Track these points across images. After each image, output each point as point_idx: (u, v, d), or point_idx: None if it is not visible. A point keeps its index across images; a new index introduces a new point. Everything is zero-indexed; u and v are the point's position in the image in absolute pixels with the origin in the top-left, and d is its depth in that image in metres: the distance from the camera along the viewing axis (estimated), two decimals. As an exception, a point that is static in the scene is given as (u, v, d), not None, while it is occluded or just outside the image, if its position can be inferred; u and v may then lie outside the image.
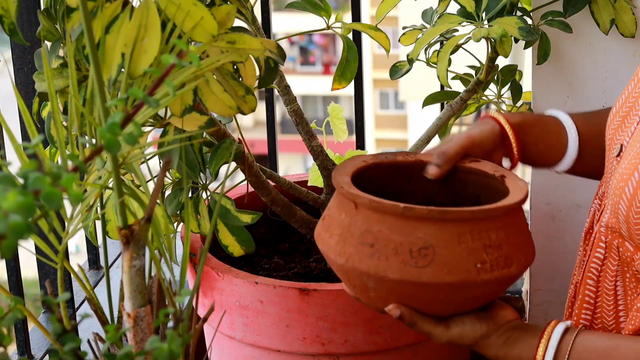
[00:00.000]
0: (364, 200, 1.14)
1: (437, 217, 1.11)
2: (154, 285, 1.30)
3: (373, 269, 1.13)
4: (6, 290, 1.35)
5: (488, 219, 1.13)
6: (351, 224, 1.15)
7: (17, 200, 0.65)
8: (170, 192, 1.48)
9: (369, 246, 1.13)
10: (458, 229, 1.11)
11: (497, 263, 1.13)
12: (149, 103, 0.77)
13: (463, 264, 1.11)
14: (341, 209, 1.18)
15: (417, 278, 1.11)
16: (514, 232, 1.16)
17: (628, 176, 1.13)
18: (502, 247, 1.13)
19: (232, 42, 1.29)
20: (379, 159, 1.30)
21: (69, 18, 1.22)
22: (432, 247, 1.11)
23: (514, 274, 1.15)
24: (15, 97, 1.34)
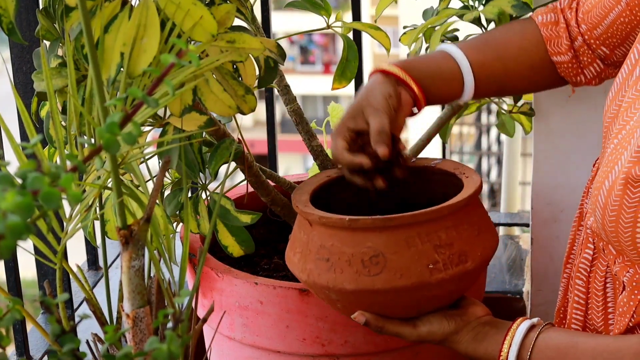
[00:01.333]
0: (315, 217, 1.19)
1: (382, 225, 1.14)
2: (153, 285, 1.30)
3: (331, 282, 1.17)
4: (5, 290, 1.35)
5: (434, 220, 1.16)
6: (308, 240, 1.20)
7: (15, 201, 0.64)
8: (170, 192, 1.48)
9: (325, 261, 1.18)
10: (405, 234, 1.14)
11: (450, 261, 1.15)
12: (148, 103, 0.77)
13: (414, 266, 1.14)
14: (300, 227, 1.23)
15: (372, 286, 1.15)
16: (466, 228, 1.17)
17: (600, 184, 1.13)
18: (454, 245, 1.16)
19: (232, 41, 1.29)
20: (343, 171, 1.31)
21: (68, 17, 1.21)
22: (382, 254, 1.14)
23: (470, 269, 1.17)
24: (13, 97, 1.34)
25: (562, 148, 1.76)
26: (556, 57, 1.35)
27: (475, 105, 1.70)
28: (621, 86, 1.21)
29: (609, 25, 1.29)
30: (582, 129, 1.71)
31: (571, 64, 1.34)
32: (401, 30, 1.59)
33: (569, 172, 1.76)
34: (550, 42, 1.35)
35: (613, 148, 1.14)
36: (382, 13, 1.57)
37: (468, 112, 1.72)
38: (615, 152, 1.13)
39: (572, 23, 1.33)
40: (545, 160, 1.77)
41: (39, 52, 1.31)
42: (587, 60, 1.34)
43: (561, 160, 1.77)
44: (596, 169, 1.31)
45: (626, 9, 1.26)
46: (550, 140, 1.76)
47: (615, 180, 1.10)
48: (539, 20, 1.36)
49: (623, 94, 1.20)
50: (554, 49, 1.35)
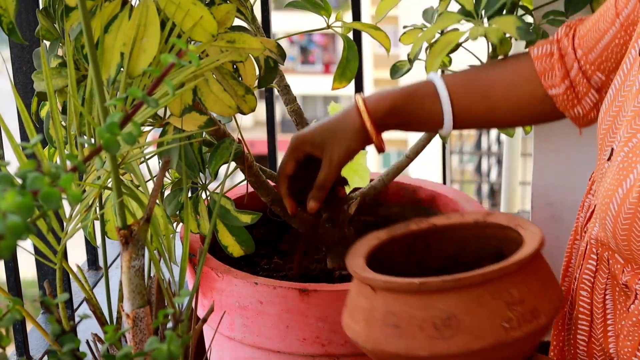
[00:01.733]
0: (379, 282, 1.14)
1: (453, 286, 1.10)
2: (153, 285, 1.30)
3: (403, 349, 1.12)
4: (5, 290, 1.35)
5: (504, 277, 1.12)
6: (372, 307, 1.15)
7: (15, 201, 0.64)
8: (170, 192, 1.48)
9: (394, 327, 1.12)
10: (477, 293, 1.11)
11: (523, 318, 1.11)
12: (148, 103, 0.77)
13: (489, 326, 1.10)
14: (360, 293, 1.18)
15: (447, 350, 1.10)
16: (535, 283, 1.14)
17: (612, 192, 1.12)
18: (526, 301, 1.12)
19: (232, 41, 1.29)
20: (393, 232, 1.30)
21: (68, 17, 1.21)
22: (455, 316, 1.10)
23: (544, 325, 1.13)
24: (13, 97, 1.34)
25: (562, 148, 1.75)
26: (551, 90, 1.34)
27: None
28: (614, 97, 1.20)
29: (603, 48, 1.28)
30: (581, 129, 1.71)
31: (566, 95, 1.33)
32: (401, 30, 1.59)
33: (569, 172, 1.76)
34: (544, 75, 1.34)
35: (624, 156, 1.13)
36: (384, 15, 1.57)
37: (468, 112, 1.72)
38: (627, 161, 1.12)
39: (568, 51, 1.32)
40: (545, 160, 1.77)
41: (39, 52, 1.31)
42: (583, 91, 1.32)
43: (561, 160, 1.77)
44: (592, 182, 1.30)
45: (620, 29, 1.25)
46: (550, 140, 1.76)
47: (631, 189, 1.09)
48: (534, 54, 1.35)
49: (617, 105, 1.19)
50: (547, 82, 1.34)
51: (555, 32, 1.37)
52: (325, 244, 1.58)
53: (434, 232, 1.30)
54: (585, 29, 1.31)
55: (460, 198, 1.69)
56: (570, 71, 1.32)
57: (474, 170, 10.91)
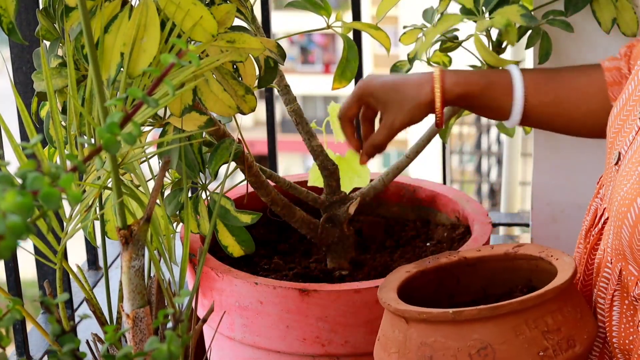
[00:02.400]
0: (413, 314, 1.14)
1: (488, 315, 1.10)
2: (153, 285, 1.30)
3: None
4: (5, 290, 1.35)
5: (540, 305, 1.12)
6: (406, 339, 1.15)
7: (15, 201, 0.64)
8: (170, 192, 1.48)
9: (428, 358, 1.12)
10: (512, 322, 1.10)
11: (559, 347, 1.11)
12: (148, 103, 0.77)
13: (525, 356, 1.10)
14: (394, 326, 1.18)
15: None
16: (570, 311, 1.14)
17: (630, 202, 1.11)
18: (561, 330, 1.12)
19: (232, 41, 1.28)
20: (423, 266, 1.30)
21: (68, 17, 1.21)
22: (490, 345, 1.10)
23: (579, 354, 1.13)
24: (13, 97, 1.34)
25: (562, 148, 1.75)
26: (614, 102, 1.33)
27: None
28: (626, 102, 1.20)
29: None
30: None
31: None
32: (401, 30, 1.59)
33: (569, 172, 1.76)
34: (612, 87, 1.33)
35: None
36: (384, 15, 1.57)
37: (468, 112, 1.72)
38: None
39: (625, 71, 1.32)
40: (545, 160, 1.77)
41: (39, 52, 1.31)
42: None
43: (561, 160, 1.77)
44: (599, 186, 1.30)
45: None
46: (550, 140, 1.76)
47: None
48: (604, 65, 1.35)
49: (628, 109, 1.19)
50: (614, 95, 1.33)
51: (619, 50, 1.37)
52: (325, 244, 1.58)
53: (463, 265, 1.30)
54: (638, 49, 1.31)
55: (460, 198, 1.69)
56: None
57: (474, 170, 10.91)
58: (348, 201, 1.57)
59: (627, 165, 1.16)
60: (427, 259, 1.32)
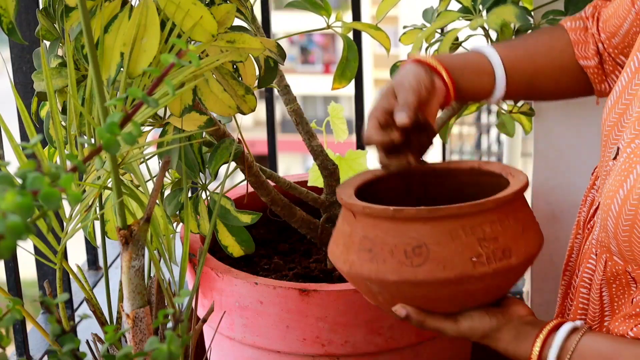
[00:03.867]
0: (359, 207, 1.17)
1: (426, 216, 1.13)
2: (153, 285, 1.30)
3: (373, 273, 1.15)
4: (5, 290, 1.35)
5: (479, 213, 1.15)
6: (352, 232, 1.18)
7: (15, 201, 0.64)
8: (170, 192, 1.48)
9: (368, 251, 1.16)
10: (449, 226, 1.13)
11: (493, 255, 1.14)
12: (148, 103, 0.77)
13: (458, 259, 1.13)
14: (344, 219, 1.21)
15: (414, 277, 1.13)
16: (511, 224, 1.16)
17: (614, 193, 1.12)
18: (498, 239, 1.14)
19: (232, 41, 1.29)
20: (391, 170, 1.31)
21: (68, 17, 1.21)
22: (426, 245, 1.13)
23: (514, 265, 1.15)
24: (13, 97, 1.34)
25: (562, 148, 1.76)
26: (583, 61, 1.34)
27: (475, 105, 1.70)
28: (620, 94, 1.21)
29: (624, 35, 1.29)
30: (582, 129, 1.71)
31: (597, 69, 1.34)
32: (401, 30, 1.59)
33: (569, 172, 1.76)
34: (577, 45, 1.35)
35: (626, 158, 1.13)
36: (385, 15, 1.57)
37: (468, 112, 1.72)
38: (628, 162, 1.12)
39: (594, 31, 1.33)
40: (545, 160, 1.77)
41: (39, 52, 1.31)
42: (609, 68, 1.34)
43: (561, 160, 1.77)
44: (595, 176, 1.31)
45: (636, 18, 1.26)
46: (550, 140, 1.76)
47: (631, 190, 1.09)
48: (567, 26, 1.36)
49: (624, 102, 1.20)
50: (581, 53, 1.34)
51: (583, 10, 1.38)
52: (325, 244, 1.58)
53: (432, 175, 1.31)
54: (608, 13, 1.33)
55: (460, 198, 1.69)
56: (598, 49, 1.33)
57: (474, 170, 10.89)
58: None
59: (619, 160, 1.16)
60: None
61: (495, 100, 1.35)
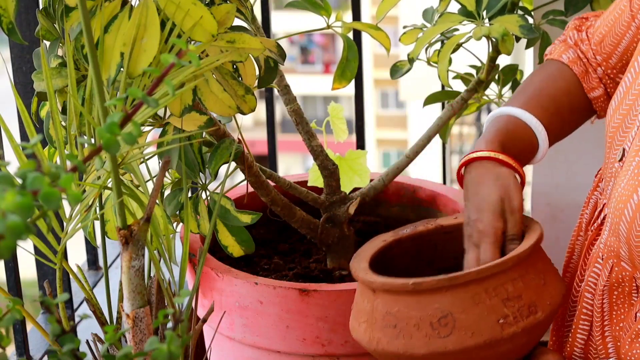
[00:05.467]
0: (378, 284, 1.16)
1: (446, 285, 1.12)
2: (153, 285, 1.30)
3: (402, 348, 1.14)
4: (5, 290, 1.35)
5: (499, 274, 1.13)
6: (373, 309, 1.17)
7: (15, 201, 0.64)
8: (170, 192, 1.48)
9: (393, 327, 1.15)
10: (471, 291, 1.12)
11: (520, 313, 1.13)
12: (148, 103, 0.77)
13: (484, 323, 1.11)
14: (363, 296, 1.20)
15: (443, 348, 1.12)
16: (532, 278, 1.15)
17: (627, 198, 1.11)
18: (522, 297, 1.13)
19: (232, 41, 1.29)
20: (399, 234, 1.31)
21: (68, 17, 1.21)
22: (451, 314, 1.12)
23: (541, 320, 1.14)
24: (13, 97, 1.34)
25: (562, 148, 1.75)
26: (591, 93, 1.33)
27: (475, 105, 1.70)
28: (624, 95, 1.20)
29: (622, 53, 1.28)
30: (582, 129, 1.71)
31: (603, 97, 1.33)
32: (401, 30, 1.59)
33: (569, 172, 1.76)
34: (583, 79, 1.33)
35: (639, 162, 1.12)
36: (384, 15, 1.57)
37: (468, 112, 1.72)
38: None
39: (589, 55, 1.32)
40: (545, 160, 1.77)
41: (39, 52, 1.31)
42: (611, 92, 1.33)
43: (561, 160, 1.77)
44: (598, 178, 1.30)
45: (637, 32, 1.25)
46: (550, 140, 1.75)
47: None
48: (565, 60, 1.34)
49: (628, 104, 1.19)
50: (588, 85, 1.33)
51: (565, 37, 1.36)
52: (325, 244, 1.58)
53: (440, 232, 1.31)
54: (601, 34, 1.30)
55: (461, 198, 1.69)
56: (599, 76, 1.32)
57: (474, 170, 10.89)
58: (348, 201, 1.57)
59: (627, 162, 1.16)
60: (403, 227, 1.34)
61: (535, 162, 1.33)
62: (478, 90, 1.62)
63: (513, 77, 1.67)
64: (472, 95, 1.62)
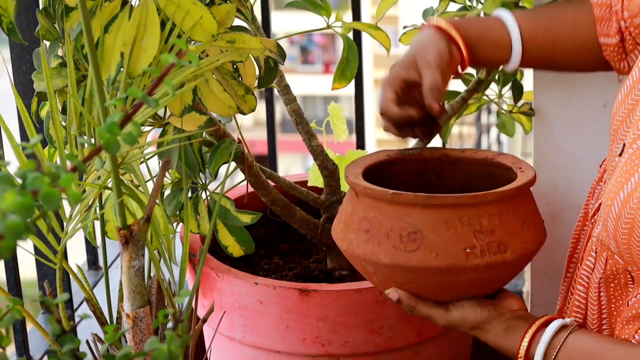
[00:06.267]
0: (360, 187, 1.18)
1: (424, 202, 1.14)
2: (153, 285, 1.30)
3: (368, 253, 1.16)
4: (5, 290, 1.35)
5: (478, 205, 1.15)
6: (353, 211, 1.19)
7: (15, 201, 0.64)
8: (170, 192, 1.48)
9: (365, 232, 1.17)
10: (446, 215, 1.13)
11: (488, 248, 1.14)
12: (148, 103, 0.77)
13: (451, 248, 1.13)
14: (348, 198, 1.22)
15: (406, 262, 1.14)
16: (510, 219, 1.16)
17: (614, 194, 1.11)
18: (495, 233, 1.14)
19: (232, 41, 1.29)
20: (404, 153, 1.32)
21: (68, 17, 1.21)
22: (421, 232, 1.13)
23: (509, 260, 1.15)
24: (13, 97, 1.34)
25: (562, 148, 1.75)
26: (604, 38, 1.33)
27: (475, 105, 1.70)
28: (631, 89, 1.20)
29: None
30: (582, 129, 1.71)
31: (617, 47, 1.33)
32: (401, 30, 1.59)
33: (569, 172, 1.76)
34: (601, 22, 1.34)
35: (628, 158, 1.12)
36: (384, 15, 1.57)
37: (468, 112, 1.72)
38: (630, 163, 1.12)
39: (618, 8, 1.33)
40: (545, 160, 1.77)
41: (39, 52, 1.31)
42: (629, 47, 1.33)
43: (561, 160, 1.77)
44: (603, 169, 1.30)
45: None
46: (550, 140, 1.76)
47: (632, 193, 1.09)
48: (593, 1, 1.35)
49: (634, 98, 1.19)
50: (603, 30, 1.33)
51: None
52: (325, 244, 1.58)
53: (445, 161, 1.32)
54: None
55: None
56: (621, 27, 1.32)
57: (474, 170, 10.89)
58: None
59: (622, 158, 1.16)
60: (410, 148, 1.34)
61: (510, 69, 1.35)
62: (478, 90, 1.62)
63: (513, 77, 1.67)
64: (472, 95, 1.62)
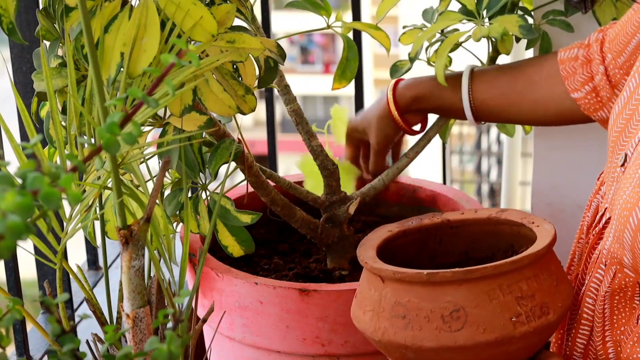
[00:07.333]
0: (389, 273, 1.15)
1: (462, 278, 1.11)
2: (153, 285, 1.30)
3: (409, 340, 1.12)
4: (5, 290, 1.35)
5: (515, 271, 1.12)
6: (381, 298, 1.16)
7: (15, 201, 0.64)
8: (170, 192, 1.48)
9: (401, 318, 1.13)
10: (486, 286, 1.11)
11: (532, 313, 1.12)
12: (148, 103, 0.77)
13: (497, 320, 1.10)
14: (370, 284, 1.18)
15: (453, 342, 1.10)
16: (546, 278, 1.14)
17: (632, 205, 1.10)
18: (536, 296, 1.12)
19: (232, 41, 1.29)
20: (405, 226, 1.31)
21: (68, 17, 1.21)
22: (463, 308, 1.10)
23: (552, 321, 1.14)
24: (13, 97, 1.34)
25: (562, 148, 1.75)
26: (573, 93, 1.37)
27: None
28: (628, 100, 1.20)
29: (631, 52, 1.29)
30: (582, 129, 1.71)
31: (587, 99, 1.35)
32: (401, 30, 1.59)
33: (569, 172, 1.76)
34: (567, 79, 1.38)
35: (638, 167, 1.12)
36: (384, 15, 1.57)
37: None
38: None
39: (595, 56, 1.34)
40: (545, 160, 1.77)
41: (39, 52, 1.31)
42: (607, 96, 1.34)
43: (561, 160, 1.77)
44: (600, 182, 1.30)
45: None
46: (550, 140, 1.76)
47: None
48: (560, 57, 1.40)
49: (631, 108, 1.19)
50: (570, 86, 1.37)
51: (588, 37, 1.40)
52: (325, 244, 1.58)
53: (447, 227, 1.31)
54: (614, 32, 1.33)
55: (461, 198, 1.69)
56: (594, 76, 1.33)
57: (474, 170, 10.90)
58: (348, 201, 1.56)
59: (631, 168, 1.15)
60: (409, 219, 1.33)
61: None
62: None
63: (513, 77, 1.67)
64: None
